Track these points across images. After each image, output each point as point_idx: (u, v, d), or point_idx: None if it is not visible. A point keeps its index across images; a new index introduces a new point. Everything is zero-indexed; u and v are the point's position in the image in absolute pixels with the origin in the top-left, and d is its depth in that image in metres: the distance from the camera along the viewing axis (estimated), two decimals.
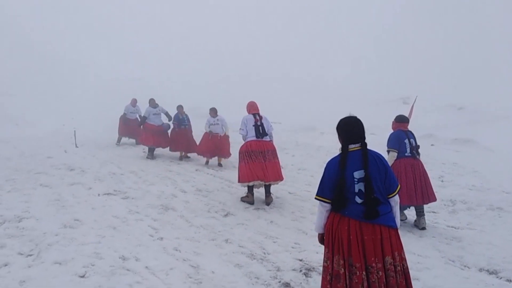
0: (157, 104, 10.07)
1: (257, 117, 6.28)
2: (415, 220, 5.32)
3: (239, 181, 6.23)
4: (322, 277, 2.73)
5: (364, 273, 2.50)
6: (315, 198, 2.74)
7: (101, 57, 22.71)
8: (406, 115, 10.55)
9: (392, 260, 2.54)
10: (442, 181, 7.36)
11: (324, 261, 2.72)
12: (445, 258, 4.35)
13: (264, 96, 19.51)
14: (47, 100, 16.54)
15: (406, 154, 5.17)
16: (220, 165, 9.19)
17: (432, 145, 10.89)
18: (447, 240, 4.87)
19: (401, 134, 5.25)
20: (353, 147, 2.68)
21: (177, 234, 4.86)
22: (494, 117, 14.46)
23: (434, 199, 5.28)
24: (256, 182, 6.05)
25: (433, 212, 5.98)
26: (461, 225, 5.42)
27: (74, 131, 11.16)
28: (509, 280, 3.84)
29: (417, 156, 5.28)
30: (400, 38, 25.03)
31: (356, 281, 2.49)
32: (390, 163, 5.05)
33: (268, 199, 6.20)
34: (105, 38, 24.65)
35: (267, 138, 6.23)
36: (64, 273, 3.61)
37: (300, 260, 4.23)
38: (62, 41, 22.96)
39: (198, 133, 9.89)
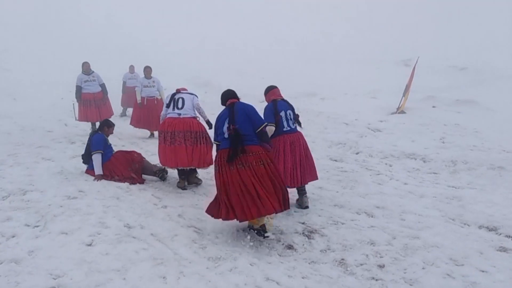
0: (92, 70, 8.81)
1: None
2: (297, 199, 4.82)
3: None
4: None
5: None
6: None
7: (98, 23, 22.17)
8: (408, 77, 10.48)
9: None
10: (443, 142, 7.36)
11: None
12: (445, 217, 4.42)
13: (263, 62, 19.23)
14: (43, 74, 16.33)
15: (285, 129, 4.62)
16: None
17: (433, 106, 10.80)
18: (448, 199, 4.93)
19: (274, 105, 4.70)
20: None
21: (181, 202, 4.92)
22: (497, 76, 14.25)
23: (315, 178, 4.88)
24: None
25: (434, 173, 6.02)
26: (462, 185, 5.46)
27: (73, 104, 11.06)
28: (508, 236, 3.92)
29: (296, 128, 4.82)
30: None
31: None
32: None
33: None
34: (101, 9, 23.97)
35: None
36: (71, 242, 3.68)
37: (303, 223, 4.30)
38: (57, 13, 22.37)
39: None
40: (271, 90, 4.91)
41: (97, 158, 5.52)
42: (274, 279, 3.20)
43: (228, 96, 4.08)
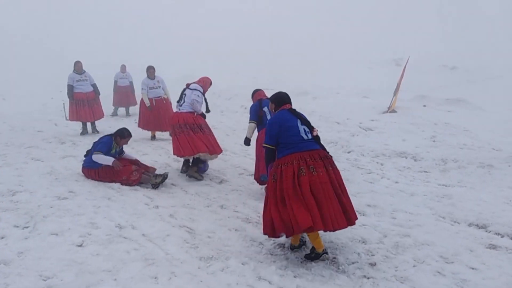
0: (84, 70, 8.70)
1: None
2: None
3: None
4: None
5: None
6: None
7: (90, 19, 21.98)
8: (398, 77, 10.56)
9: None
10: (434, 141, 7.41)
11: None
12: (436, 215, 4.46)
13: (257, 62, 19.24)
14: (33, 74, 16.16)
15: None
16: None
17: (424, 106, 10.90)
18: (438, 197, 4.97)
19: (259, 103, 5.29)
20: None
21: (172, 202, 4.90)
22: (486, 76, 14.43)
23: None
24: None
25: (425, 171, 6.06)
26: (452, 183, 5.51)
27: (63, 104, 10.97)
28: (497, 233, 3.96)
29: None
30: None
31: None
32: (249, 134, 5.35)
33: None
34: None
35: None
36: (61, 243, 3.65)
37: None
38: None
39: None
40: (257, 92, 5.53)
41: (101, 158, 5.33)
42: (266, 278, 3.20)
43: (286, 101, 4.01)
